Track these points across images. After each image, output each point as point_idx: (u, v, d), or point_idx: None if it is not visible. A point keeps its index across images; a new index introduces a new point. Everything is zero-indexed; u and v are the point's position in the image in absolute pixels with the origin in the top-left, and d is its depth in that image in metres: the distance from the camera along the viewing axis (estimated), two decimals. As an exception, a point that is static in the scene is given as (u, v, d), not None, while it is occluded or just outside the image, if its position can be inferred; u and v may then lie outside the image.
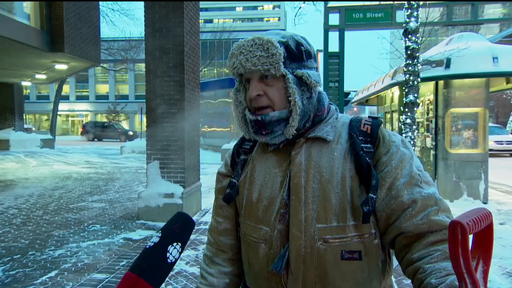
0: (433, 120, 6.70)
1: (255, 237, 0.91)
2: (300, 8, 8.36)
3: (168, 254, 0.71)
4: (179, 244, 0.73)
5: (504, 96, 30.63)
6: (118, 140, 28.95)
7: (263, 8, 67.90)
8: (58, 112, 22.13)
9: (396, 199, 0.82)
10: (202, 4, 6.64)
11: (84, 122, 35.96)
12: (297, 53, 0.86)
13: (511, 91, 27.48)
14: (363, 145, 0.86)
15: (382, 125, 0.91)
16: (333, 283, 0.83)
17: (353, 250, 0.83)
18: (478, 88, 6.29)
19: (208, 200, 6.77)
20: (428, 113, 7.10)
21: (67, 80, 26.88)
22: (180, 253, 0.73)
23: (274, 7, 66.74)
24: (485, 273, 0.56)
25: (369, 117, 0.94)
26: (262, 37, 0.83)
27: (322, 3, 8.71)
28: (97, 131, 30.43)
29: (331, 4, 8.82)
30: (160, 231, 0.74)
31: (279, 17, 66.16)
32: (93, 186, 8.33)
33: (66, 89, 36.78)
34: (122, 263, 3.73)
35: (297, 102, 0.83)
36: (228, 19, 60.81)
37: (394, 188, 0.83)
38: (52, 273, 3.46)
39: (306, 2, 8.09)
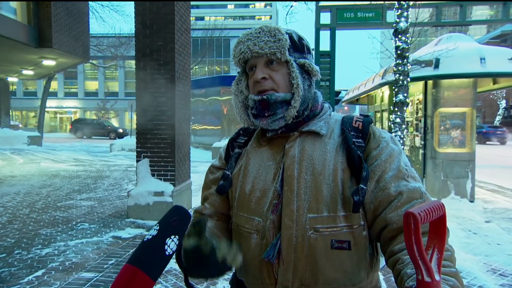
0: (422, 119, 6.78)
1: (248, 228, 0.93)
2: (291, 6, 8.37)
3: (166, 247, 0.72)
4: (177, 237, 0.74)
5: (491, 96, 31.22)
6: (108, 137, 28.62)
7: (254, 6, 67.80)
8: (46, 109, 21.76)
9: (383, 191, 0.86)
10: (193, 2, 6.59)
11: (72, 119, 35.45)
12: (299, 45, 0.94)
13: (498, 91, 28.02)
14: (354, 139, 0.90)
15: (372, 120, 0.96)
16: (323, 272, 0.86)
17: (343, 240, 0.86)
18: (466, 88, 6.39)
19: (198, 198, 6.71)
20: (417, 113, 7.19)
21: (55, 76, 26.43)
22: (177, 245, 0.74)
23: (265, 5, 66.70)
24: (439, 260, 0.60)
25: (360, 115, 0.98)
26: (268, 26, 0.90)
27: (313, 2, 8.74)
28: (86, 128, 30.03)
29: (322, 3, 8.85)
30: (157, 225, 0.74)
31: (271, 16, 66.15)
32: (81, 184, 8.22)
33: (54, 85, 36.20)
34: (111, 261, 3.69)
35: (299, 85, 0.89)
36: (219, 16, 60.57)
37: (382, 181, 0.87)
38: (39, 272, 3.40)
39: (298, 0, 8.10)
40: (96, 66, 28.75)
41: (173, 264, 3.59)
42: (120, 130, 29.56)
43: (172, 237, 0.73)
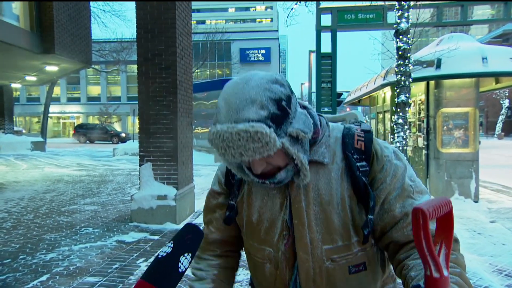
0: (425, 120, 6.76)
1: (260, 257, 0.94)
2: (292, 9, 8.39)
3: (179, 264, 0.74)
4: (190, 254, 0.76)
5: (493, 96, 31.10)
6: (111, 142, 28.72)
7: (255, 9, 68.00)
8: (49, 114, 21.86)
9: (388, 213, 0.86)
10: (194, 5, 6.62)
11: (75, 124, 35.59)
12: (281, 114, 0.77)
13: (501, 91, 27.90)
14: (358, 164, 0.86)
15: (373, 136, 0.91)
16: None
17: (359, 263, 0.88)
18: (468, 88, 6.38)
19: (201, 201, 6.75)
20: (419, 113, 7.17)
21: (58, 82, 26.57)
22: (190, 262, 0.76)
23: (266, 8, 66.89)
24: (447, 256, 0.61)
25: (361, 130, 0.91)
26: (247, 130, 0.73)
27: (314, 4, 8.76)
28: (89, 133, 30.14)
29: (323, 5, 8.87)
30: (172, 242, 0.76)
31: (272, 18, 66.33)
32: (85, 188, 8.24)
33: (57, 91, 36.41)
34: (115, 266, 3.69)
35: (303, 161, 0.80)
36: (220, 20, 60.80)
37: (386, 202, 0.86)
38: (44, 277, 3.41)
39: (298, 3, 8.12)
40: (98, 71, 28.88)
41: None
42: (123, 135, 29.66)
43: (186, 254, 0.75)
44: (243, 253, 1.10)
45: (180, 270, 0.73)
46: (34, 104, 39.15)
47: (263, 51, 42.65)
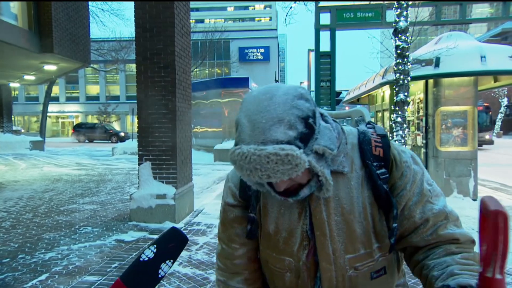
0: (423, 118, 6.77)
1: (279, 267, 0.93)
2: (291, 8, 8.39)
3: (160, 270, 0.75)
4: (171, 260, 0.77)
5: (492, 94, 31.15)
6: (110, 141, 28.70)
7: (254, 8, 67.92)
8: (48, 114, 21.84)
9: (409, 220, 0.86)
10: (193, 4, 6.63)
11: (74, 124, 35.55)
12: (308, 132, 0.74)
13: (499, 89, 27.95)
14: (378, 172, 0.85)
15: (389, 141, 0.90)
16: None
17: (380, 269, 0.90)
18: (467, 87, 6.38)
19: (200, 200, 6.75)
20: (418, 112, 7.18)
21: (57, 81, 26.52)
22: (170, 267, 0.77)
23: (265, 7, 66.80)
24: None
25: (377, 135, 0.90)
26: (278, 153, 0.69)
27: (313, 3, 8.75)
28: (88, 133, 30.11)
29: (322, 4, 8.86)
30: (155, 246, 0.77)
31: (270, 17, 66.25)
32: (84, 188, 8.24)
33: (55, 90, 36.34)
34: (114, 265, 3.69)
35: (327, 177, 0.78)
36: (219, 19, 60.72)
37: (406, 209, 0.86)
38: (43, 277, 3.41)
39: (297, 2, 8.11)
40: (97, 70, 28.84)
41: (176, 266, 3.60)
42: (122, 134, 29.64)
43: (167, 261, 0.76)
44: None
45: (159, 276, 0.74)
46: (32, 104, 39.08)
47: (262, 50, 42.62)
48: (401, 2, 5.73)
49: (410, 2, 5.98)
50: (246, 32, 43.85)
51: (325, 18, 8.79)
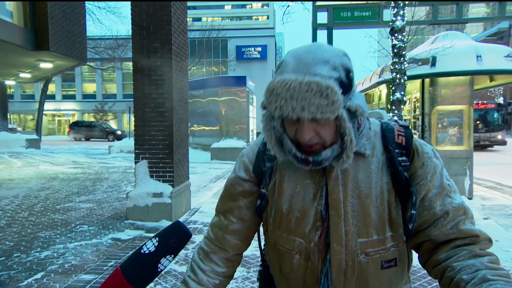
0: (420, 117, 6.80)
1: (288, 248, 0.91)
2: (288, 6, 8.38)
3: (159, 265, 0.75)
4: (172, 255, 0.77)
5: (488, 93, 31.31)
6: (106, 139, 28.60)
7: (251, 7, 67.81)
8: (44, 112, 21.72)
9: (429, 211, 0.85)
10: (190, 3, 6.60)
11: (71, 122, 35.39)
12: (347, 84, 0.77)
13: (495, 88, 28.11)
14: (400, 158, 0.86)
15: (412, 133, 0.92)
16: None
17: (391, 259, 0.87)
18: (463, 86, 6.42)
19: (197, 199, 6.75)
20: (415, 111, 7.21)
21: (53, 79, 26.38)
22: (171, 261, 0.77)
23: (262, 6, 66.72)
24: None
25: (400, 125, 0.91)
26: (319, 82, 0.71)
27: (310, 1, 8.75)
28: (85, 131, 29.98)
29: (319, 2, 8.86)
30: (157, 240, 0.76)
31: (268, 16, 66.18)
32: (80, 186, 8.21)
33: (52, 88, 36.14)
34: (111, 263, 3.69)
35: (353, 140, 0.78)
36: (216, 17, 60.56)
37: (427, 200, 0.85)
38: (38, 275, 3.40)
39: (294, 0, 8.11)
40: (93, 68, 28.72)
41: (172, 264, 3.60)
42: (119, 132, 29.54)
43: (168, 256, 0.75)
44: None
45: (158, 270, 0.74)
46: (28, 102, 38.84)
47: (259, 49, 42.57)
48: (398, 1, 5.74)
49: (407, 2, 6.00)
50: (243, 30, 43.77)
51: (322, 17, 8.79)
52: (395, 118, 5.82)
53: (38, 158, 14.19)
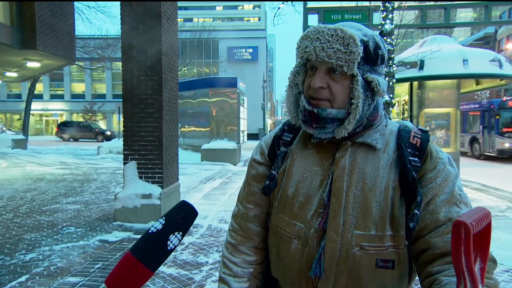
0: (408, 120, 6.90)
1: (288, 232, 0.91)
2: (279, 8, 8.41)
3: (168, 242, 0.73)
4: (180, 233, 0.75)
5: (475, 97, 31.88)
6: (95, 140, 28.24)
7: (243, 8, 67.87)
8: (31, 112, 21.34)
9: (432, 215, 0.83)
10: (181, 3, 6.58)
11: (59, 122, 34.85)
12: (373, 56, 0.84)
13: (482, 92, 28.65)
14: (411, 158, 0.85)
15: (430, 138, 0.91)
16: None
17: (388, 260, 0.84)
18: (450, 89, 6.53)
19: (187, 200, 6.70)
20: (403, 113, 7.31)
21: (41, 78, 25.97)
22: (180, 240, 0.76)
23: (254, 7, 66.83)
24: (482, 270, 0.58)
25: (418, 129, 0.92)
26: (345, 30, 0.79)
27: (301, 4, 8.80)
28: (73, 131, 29.56)
29: (310, 5, 8.92)
30: (163, 218, 0.76)
31: (259, 17, 66.32)
32: (68, 187, 8.09)
33: (39, 87, 35.54)
34: (98, 265, 3.64)
35: (359, 107, 0.81)
36: (208, 18, 60.43)
37: (432, 204, 0.83)
38: (23, 278, 3.33)
39: (285, 2, 8.15)
40: (82, 68, 28.34)
41: (161, 267, 3.56)
42: (108, 133, 29.19)
43: (176, 233, 0.75)
44: None
45: (168, 248, 0.73)
46: (15, 101, 38.12)
47: (250, 50, 42.62)
48: (387, 5, 5.82)
49: (396, 5, 6.08)
50: (234, 31, 43.77)
51: (313, 19, 8.85)
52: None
53: (24, 158, 13.93)
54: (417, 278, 0.90)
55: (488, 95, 31.90)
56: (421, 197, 0.81)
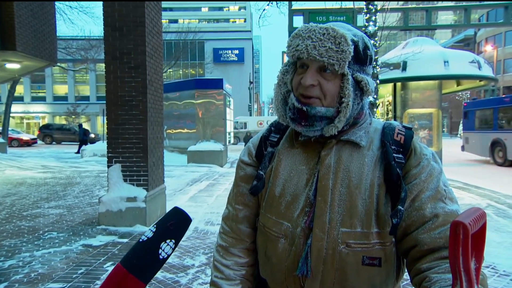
0: (392, 120, 7.01)
1: (275, 231, 0.91)
2: (264, 10, 8.44)
3: (160, 251, 0.70)
4: (173, 241, 0.72)
5: (457, 97, 32.67)
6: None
7: (229, 9, 67.82)
8: (11, 114, 20.77)
9: (418, 211, 0.82)
10: (167, 4, 6.53)
11: (40, 125, 34.03)
12: (362, 56, 0.85)
13: (463, 92, 29.39)
14: (395, 155, 0.85)
15: (414, 135, 0.91)
16: (352, 286, 0.85)
17: (374, 257, 0.84)
18: (432, 90, 6.67)
19: (173, 203, 6.64)
20: (387, 114, 7.43)
21: (21, 80, 25.31)
22: (173, 249, 0.73)
23: (240, 8, 66.88)
24: (477, 271, 0.58)
25: (403, 126, 0.92)
26: (336, 29, 0.80)
27: (286, 5, 8.85)
28: (55, 134, 28.92)
29: (295, 6, 8.98)
30: (155, 226, 0.73)
31: (245, 19, 66.40)
32: (50, 191, 7.89)
33: (20, 89, 34.66)
34: (81, 271, 3.56)
35: (349, 105, 0.82)
36: (193, 19, 60.16)
37: (418, 200, 0.83)
38: (1, 286, 3.22)
39: (270, 4, 8.18)
40: (65, 69, 27.77)
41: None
42: (92, 135, 28.67)
43: (168, 241, 0.71)
44: None
45: (160, 257, 0.70)
46: (-6, 103, 37.04)
47: (236, 51, 42.61)
48: (370, 7, 5.91)
49: (379, 7, 6.18)
50: (220, 33, 43.71)
51: (298, 21, 8.93)
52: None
53: (4, 162, 13.54)
54: (407, 276, 0.90)
55: (469, 96, 32.75)
56: (405, 193, 0.81)
